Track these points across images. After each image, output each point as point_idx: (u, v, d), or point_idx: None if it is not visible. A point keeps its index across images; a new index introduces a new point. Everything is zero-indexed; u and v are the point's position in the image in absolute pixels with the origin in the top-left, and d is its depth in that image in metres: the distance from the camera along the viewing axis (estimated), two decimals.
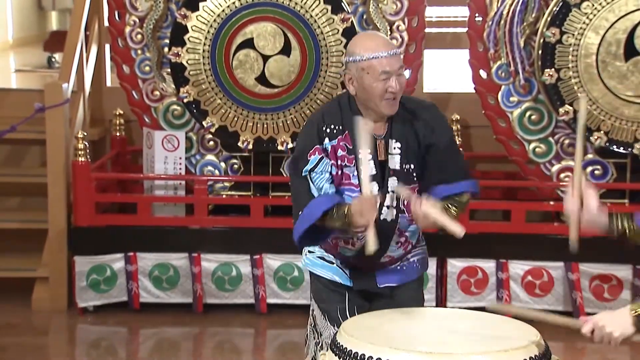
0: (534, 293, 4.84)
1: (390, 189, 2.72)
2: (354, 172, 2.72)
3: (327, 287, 2.86)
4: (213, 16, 4.86)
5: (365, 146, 2.58)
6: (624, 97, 4.71)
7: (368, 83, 2.66)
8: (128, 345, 4.89)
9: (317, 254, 2.88)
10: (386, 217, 2.74)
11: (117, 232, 5.00)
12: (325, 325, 2.83)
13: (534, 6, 4.73)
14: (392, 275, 2.85)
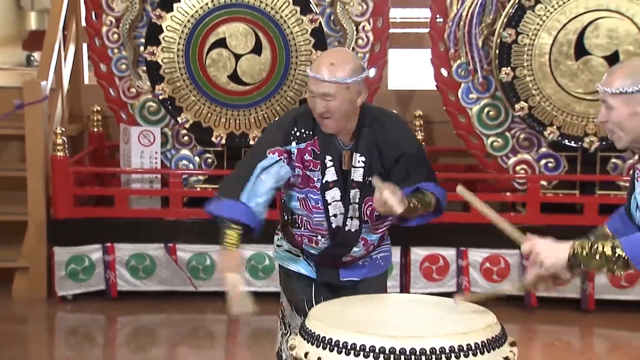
0: (491, 279, 4.88)
1: (352, 200, 2.72)
2: (318, 177, 2.71)
3: (295, 279, 2.87)
4: (187, 17, 4.84)
5: None
6: (574, 94, 4.76)
7: (308, 96, 2.68)
8: (106, 332, 4.87)
9: (285, 248, 2.89)
10: (350, 228, 2.75)
11: (95, 224, 4.97)
12: (292, 316, 2.84)
13: (491, 8, 4.76)
14: (355, 270, 2.87)
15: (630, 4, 4.65)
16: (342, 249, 2.79)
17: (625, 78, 2.26)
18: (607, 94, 2.28)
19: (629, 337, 4.67)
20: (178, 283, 4.97)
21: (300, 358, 2.35)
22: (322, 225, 2.75)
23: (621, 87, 2.25)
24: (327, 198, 2.72)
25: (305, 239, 2.80)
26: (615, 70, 2.32)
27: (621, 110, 2.26)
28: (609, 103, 2.29)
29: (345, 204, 2.72)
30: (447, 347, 2.22)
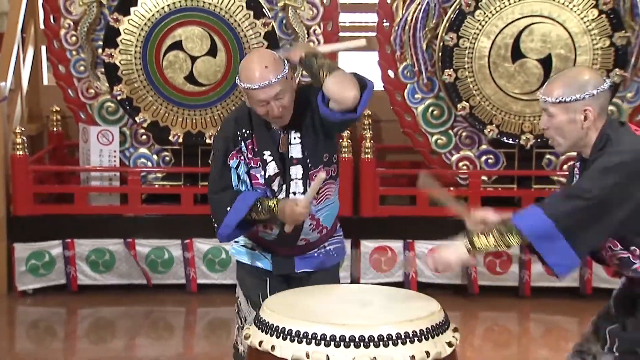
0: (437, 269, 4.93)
1: (294, 176, 2.72)
2: (260, 172, 2.72)
3: (250, 274, 2.86)
4: (144, 20, 4.80)
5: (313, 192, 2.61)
6: (512, 94, 4.83)
7: (253, 105, 2.65)
8: (66, 325, 4.81)
9: (241, 243, 2.88)
10: None
11: (55, 221, 4.91)
12: (248, 310, 2.83)
13: (434, 13, 4.81)
14: (310, 260, 2.86)
15: (562, 10, 4.73)
16: (294, 230, 2.74)
17: (563, 87, 2.31)
18: (548, 103, 2.33)
19: (562, 321, 4.77)
20: (137, 277, 4.94)
21: (255, 347, 2.35)
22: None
23: (560, 96, 2.30)
24: (274, 187, 2.73)
25: (260, 225, 2.78)
26: (555, 79, 2.37)
27: (560, 117, 2.32)
28: (549, 111, 2.33)
29: (286, 182, 2.71)
30: (394, 334, 2.25)
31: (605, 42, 4.74)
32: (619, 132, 2.31)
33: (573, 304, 4.77)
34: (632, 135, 2.31)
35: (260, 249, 2.85)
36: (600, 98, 2.31)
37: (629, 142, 2.28)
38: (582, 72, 2.38)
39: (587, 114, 2.30)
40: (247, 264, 2.87)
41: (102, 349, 4.40)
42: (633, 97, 4.95)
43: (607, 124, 2.33)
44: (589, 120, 2.30)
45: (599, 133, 2.32)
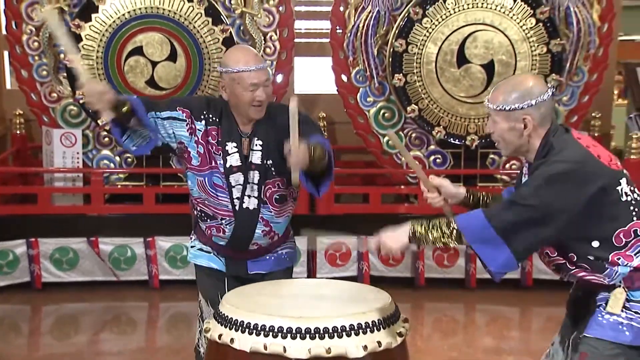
0: (388, 263, 4.95)
1: (251, 181, 2.71)
2: (220, 161, 2.69)
3: (208, 276, 2.83)
4: (105, 26, 4.74)
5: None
6: (458, 97, 4.88)
7: (239, 92, 2.65)
8: (31, 322, 4.73)
9: (197, 247, 2.85)
10: (248, 205, 2.72)
11: (19, 220, 4.83)
12: (208, 310, 2.79)
13: (385, 21, 4.84)
14: (262, 263, 2.84)
15: (503, 19, 4.80)
16: (246, 231, 2.73)
17: (505, 96, 2.27)
18: (492, 110, 2.30)
19: (505, 311, 4.84)
20: (100, 274, 4.89)
21: (215, 340, 2.34)
22: (227, 207, 2.71)
23: (501, 105, 2.27)
24: (231, 181, 2.70)
25: (213, 229, 2.76)
26: (499, 87, 2.33)
27: (502, 124, 2.29)
28: (493, 118, 2.31)
29: (245, 184, 2.71)
30: (348, 326, 2.25)
31: (542, 49, 4.83)
32: (561, 140, 2.26)
33: (515, 295, 4.84)
34: (574, 144, 2.26)
35: (215, 252, 2.83)
36: (541, 108, 2.26)
37: (570, 151, 2.23)
38: (526, 81, 2.31)
39: (527, 122, 2.26)
40: (204, 267, 2.84)
41: (66, 345, 4.34)
42: (568, 100, 5.05)
43: (550, 131, 2.29)
44: (529, 128, 2.26)
45: (542, 140, 2.28)
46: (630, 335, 2.23)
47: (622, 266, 2.24)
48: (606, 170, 2.22)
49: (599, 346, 2.24)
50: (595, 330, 2.25)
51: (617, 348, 2.23)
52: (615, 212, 2.21)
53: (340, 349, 2.23)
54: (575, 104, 5.05)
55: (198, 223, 2.82)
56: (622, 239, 2.22)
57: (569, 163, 2.20)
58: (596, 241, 2.22)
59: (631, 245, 2.23)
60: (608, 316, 2.24)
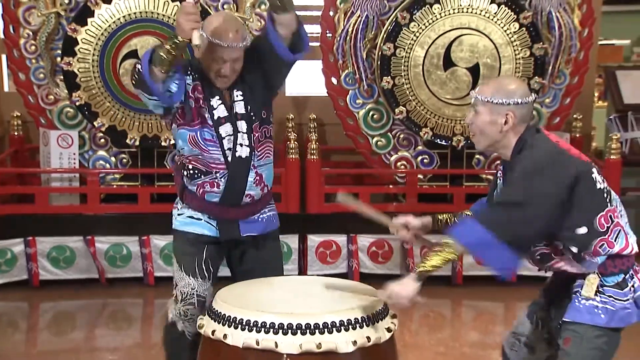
0: (377, 260, 4.96)
1: (240, 129, 2.69)
2: (208, 114, 2.67)
3: (190, 243, 2.76)
4: (101, 30, 4.72)
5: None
6: (444, 99, 4.88)
7: (208, 59, 2.63)
8: (29, 318, 4.70)
9: (187, 214, 2.78)
10: (240, 154, 2.69)
11: (17, 220, 4.80)
12: (180, 276, 2.73)
13: (373, 25, 4.84)
14: (253, 225, 2.80)
15: (487, 23, 4.81)
16: (239, 181, 2.70)
17: (495, 90, 2.36)
18: (478, 100, 2.37)
19: (491, 307, 4.85)
20: (97, 272, 4.86)
21: (208, 335, 2.34)
22: (219, 160, 2.68)
23: (489, 97, 2.35)
24: (221, 132, 2.68)
25: (207, 185, 2.70)
26: (489, 81, 2.44)
27: (485, 116, 2.36)
28: (477, 108, 2.38)
29: (235, 134, 2.68)
30: (338, 322, 2.25)
31: (525, 53, 4.84)
32: (534, 138, 2.36)
33: (500, 291, 4.84)
34: (546, 140, 2.36)
35: (206, 217, 2.76)
36: (524, 108, 2.35)
37: (542, 145, 2.33)
38: (514, 82, 2.42)
39: (508, 118, 2.34)
40: (190, 233, 2.76)
41: (63, 341, 4.31)
42: (551, 102, 5.06)
43: (526, 130, 2.38)
44: (509, 124, 2.34)
45: (518, 138, 2.36)
46: (605, 318, 2.31)
47: (602, 256, 2.32)
48: (577, 160, 2.33)
49: (579, 330, 2.32)
50: (574, 315, 2.34)
51: (596, 331, 2.32)
52: (594, 198, 2.31)
53: (331, 344, 2.23)
54: (557, 106, 5.07)
55: (186, 187, 2.75)
56: (603, 224, 2.31)
57: (543, 156, 2.29)
58: (583, 227, 2.29)
59: (611, 231, 2.31)
60: (584, 301, 2.33)
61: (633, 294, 2.34)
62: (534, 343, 2.53)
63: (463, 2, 4.78)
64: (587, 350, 2.32)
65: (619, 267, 2.34)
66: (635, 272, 2.37)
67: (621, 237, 2.33)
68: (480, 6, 4.79)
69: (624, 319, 2.33)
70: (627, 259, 2.35)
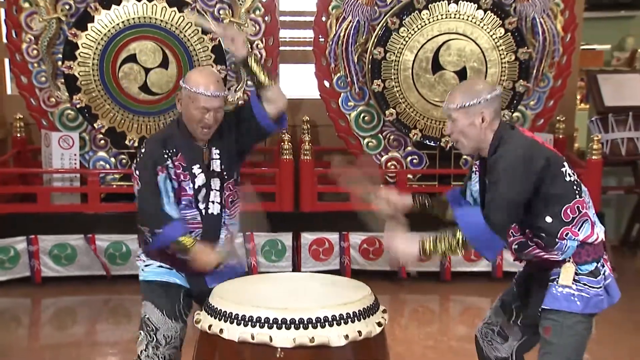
0: (368, 257, 4.96)
1: (213, 187, 2.70)
2: (189, 185, 2.67)
3: (165, 289, 2.73)
4: (100, 35, 4.70)
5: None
6: (433, 102, 4.88)
7: (191, 110, 2.65)
8: (31, 314, 4.69)
9: (156, 265, 2.75)
10: (212, 211, 2.71)
11: (20, 218, 4.78)
12: (163, 320, 2.69)
13: (364, 30, 4.83)
14: (218, 275, 2.72)
15: (474, 28, 4.81)
16: (212, 237, 2.70)
17: (464, 95, 2.41)
18: (451, 109, 2.42)
19: (478, 301, 4.86)
20: (97, 268, 4.85)
21: (205, 330, 2.33)
22: (196, 219, 2.69)
23: (461, 102, 2.40)
24: (199, 198, 2.69)
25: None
26: (454, 90, 2.47)
27: (463, 121, 2.41)
28: (452, 117, 2.42)
29: (207, 194, 2.70)
30: (330, 316, 2.25)
31: (511, 57, 4.84)
32: (509, 133, 2.40)
33: (486, 286, 4.85)
34: (520, 134, 2.41)
35: (176, 269, 2.74)
36: (494, 103, 2.41)
37: (517, 140, 2.38)
38: (476, 82, 2.51)
39: (484, 116, 2.38)
40: (164, 282, 2.73)
41: (64, 335, 4.30)
42: (535, 105, 5.07)
43: (500, 126, 2.42)
44: (486, 121, 2.39)
45: (494, 134, 2.40)
46: (581, 305, 2.36)
47: (569, 240, 2.36)
48: (550, 151, 2.40)
49: (558, 318, 2.37)
50: (551, 302, 2.38)
51: (574, 317, 2.36)
52: (562, 189, 2.36)
53: (323, 338, 2.23)
54: (541, 108, 5.08)
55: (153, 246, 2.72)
56: (569, 214, 2.36)
57: (519, 149, 2.34)
58: (549, 217, 2.36)
59: (576, 221, 2.37)
60: (561, 289, 2.37)
61: (604, 282, 2.39)
62: (507, 331, 2.59)
63: (451, 8, 4.78)
64: (568, 337, 2.36)
65: (592, 255, 2.38)
66: (605, 260, 2.43)
67: (586, 226, 2.38)
68: (467, 12, 4.79)
69: (597, 305, 2.38)
70: (597, 247, 2.40)
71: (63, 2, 4.76)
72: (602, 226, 2.44)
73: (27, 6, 4.78)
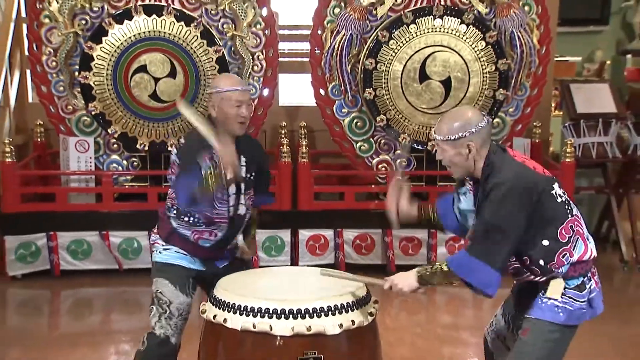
0: (361, 252, 4.95)
1: (242, 191, 2.73)
2: (223, 176, 2.64)
3: (180, 271, 2.73)
4: (114, 47, 4.68)
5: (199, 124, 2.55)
6: (420, 109, 4.87)
7: (226, 109, 2.65)
8: (51, 304, 4.66)
9: (175, 250, 2.75)
10: (240, 212, 2.74)
11: (40, 216, 4.76)
12: (176, 295, 2.69)
13: (356, 42, 4.82)
14: (223, 260, 2.81)
15: (458, 41, 4.80)
16: (234, 233, 2.76)
17: (450, 127, 2.27)
18: (439, 140, 2.30)
19: (461, 292, 4.80)
20: (111, 263, 4.83)
21: (210, 320, 2.32)
22: (224, 215, 2.70)
23: (446, 135, 2.27)
24: (230, 191, 2.69)
25: (205, 233, 2.72)
26: (443, 120, 2.32)
27: (450, 152, 2.29)
28: (441, 147, 2.31)
29: (237, 194, 2.72)
30: (326, 307, 2.25)
31: (491, 67, 4.84)
32: (500, 159, 2.28)
33: None
34: (511, 161, 2.28)
35: (190, 255, 2.75)
36: (482, 133, 2.26)
37: (509, 168, 2.25)
38: (465, 113, 2.31)
39: (471, 147, 2.26)
40: (180, 266, 2.73)
41: (81, 324, 4.27)
42: (514, 112, 5.06)
43: (490, 151, 2.28)
44: (473, 152, 2.27)
45: (485, 159, 2.28)
46: (564, 317, 2.28)
47: (565, 265, 2.26)
48: (542, 177, 2.26)
49: (538, 324, 2.29)
50: (536, 312, 2.30)
51: (553, 327, 2.28)
52: (555, 212, 2.24)
53: (319, 327, 2.22)
54: (519, 115, 5.07)
55: (176, 231, 2.73)
56: (564, 235, 2.25)
57: (511, 180, 2.21)
58: (546, 240, 2.24)
59: (572, 241, 2.26)
60: (547, 300, 2.28)
61: (589, 295, 2.30)
62: (508, 342, 2.48)
63: (436, 23, 4.77)
64: (542, 342, 2.28)
65: (579, 271, 2.29)
66: (592, 274, 2.34)
67: (580, 245, 2.28)
68: (452, 26, 4.78)
69: (580, 318, 2.30)
70: (586, 263, 2.30)
71: (80, 17, 4.75)
72: (592, 240, 2.33)
73: (47, 21, 4.77)
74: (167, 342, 2.67)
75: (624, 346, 3.85)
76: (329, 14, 4.83)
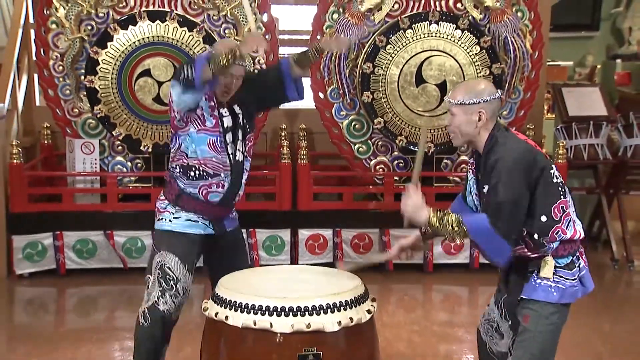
0: (359, 251, 4.93)
1: (239, 137, 2.73)
2: (220, 122, 2.68)
3: (189, 243, 2.71)
4: (119, 52, 4.67)
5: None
6: (416, 111, 4.86)
7: (220, 80, 2.65)
8: (57, 302, 4.65)
9: (184, 218, 2.73)
10: (239, 158, 2.74)
11: (46, 216, 4.74)
12: (183, 273, 2.67)
13: (355, 47, 4.79)
14: (231, 221, 2.85)
15: (453, 46, 4.79)
16: (238, 181, 2.75)
17: (464, 93, 2.34)
18: (452, 105, 2.35)
19: (457, 290, 4.83)
20: (115, 262, 4.81)
21: (212, 317, 2.30)
22: (227, 162, 2.70)
23: (460, 99, 2.33)
24: (227, 139, 2.70)
25: (213, 186, 2.70)
26: (459, 87, 2.40)
27: (460, 117, 2.33)
28: (452, 111, 2.35)
29: (235, 142, 2.72)
30: (325, 305, 2.24)
31: (486, 71, 4.82)
32: (504, 135, 2.33)
33: (465, 276, 4.84)
34: (514, 137, 2.34)
35: (202, 219, 2.74)
36: (493, 104, 2.33)
37: (514, 142, 2.31)
38: (481, 83, 2.40)
39: (481, 115, 2.31)
40: (190, 234, 2.72)
41: (86, 321, 4.26)
42: (508, 115, 5.05)
43: (495, 127, 2.36)
44: (482, 121, 2.32)
45: (489, 134, 2.33)
46: (557, 295, 2.30)
47: (556, 241, 2.29)
48: (543, 155, 2.32)
49: (536, 307, 2.31)
50: (530, 292, 2.32)
51: (551, 307, 2.30)
52: (551, 190, 2.28)
53: (319, 324, 2.21)
54: (513, 118, 5.06)
55: (184, 191, 2.71)
56: (557, 213, 2.29)
57: (516, 152, 2.26)
58: (544, 215, 2.27)
59: (563, 220, 2.30)
60: (539, 280, 2.31)
61: (579, 274, 2.34)
62: (502, 328, 2.49)
63: (432, 28, 4.76)
64: (545, 326, 2.31)
65: (568, 250, 2.33)
66: (580, 254, 2.38)
67: (571, 225, 2.32)
68: (447, 32, 4.77)
69: (573, 295, 2.33)
70: (575, 243, 2.35)
71: (86, 23, 4.74)
72: (579, 222, 2.38)
73: (54, 27, 4.75)
74: (170, 318, 2.67)
75: (615, 343, 3.84)
76: (327, 20, 4.82)
